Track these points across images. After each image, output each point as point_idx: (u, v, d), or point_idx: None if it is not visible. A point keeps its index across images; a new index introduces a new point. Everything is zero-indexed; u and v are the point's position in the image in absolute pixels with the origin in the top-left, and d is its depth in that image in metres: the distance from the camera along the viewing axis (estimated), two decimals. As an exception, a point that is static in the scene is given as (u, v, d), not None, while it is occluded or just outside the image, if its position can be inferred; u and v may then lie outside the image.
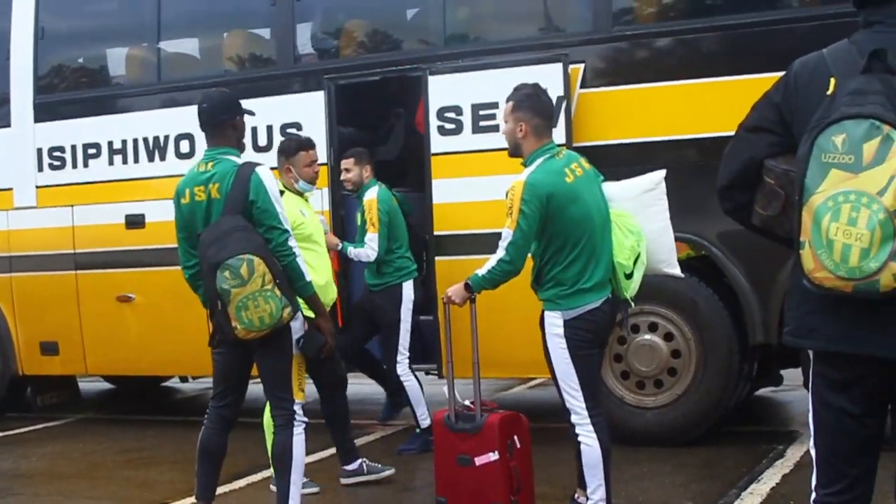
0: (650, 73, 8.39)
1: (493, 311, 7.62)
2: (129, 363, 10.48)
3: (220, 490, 6.73)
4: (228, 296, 5.69)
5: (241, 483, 7.86)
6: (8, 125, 10.68)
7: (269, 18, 9.92)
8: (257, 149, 9.14)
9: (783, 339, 3.82)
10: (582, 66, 8.41)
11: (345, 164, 8.71)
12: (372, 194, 8.44)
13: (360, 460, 7.75)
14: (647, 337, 8.36)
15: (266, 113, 9.44)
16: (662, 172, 6.45)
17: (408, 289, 8.51)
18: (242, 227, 5.81)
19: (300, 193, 7.46)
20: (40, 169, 10.50)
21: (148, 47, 10.65)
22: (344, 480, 7.72)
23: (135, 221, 9.91)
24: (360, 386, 12.06)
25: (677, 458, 7.92)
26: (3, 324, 10.71)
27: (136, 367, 10.60)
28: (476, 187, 8.52)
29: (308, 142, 7.71)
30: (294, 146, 7.60)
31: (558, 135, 8.09)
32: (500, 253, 5.77)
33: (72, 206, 10.32)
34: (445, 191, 8.62)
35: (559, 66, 8.30)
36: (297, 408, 6.21)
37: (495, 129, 8.40)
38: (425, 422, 8.46)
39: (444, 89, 8.71)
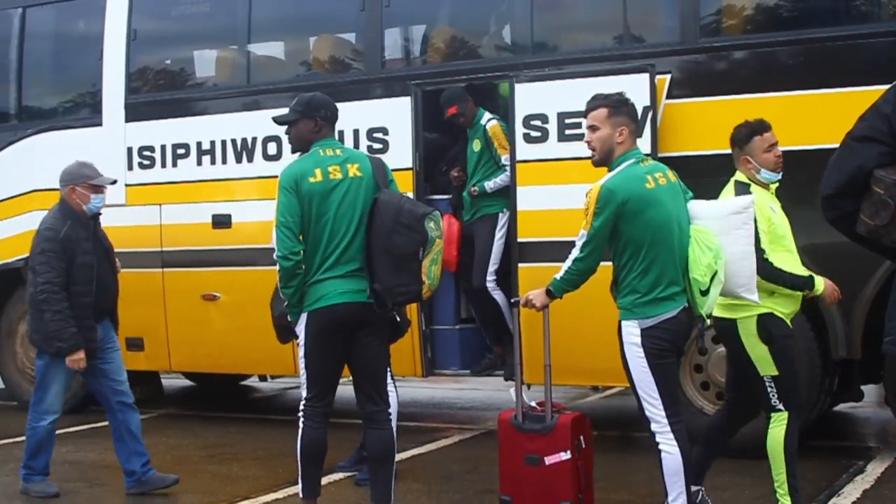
0: (736, 85, 8.40)
1: (570, 318, 7.68)
2: (212, 361, 10.65)
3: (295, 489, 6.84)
4: (433, 245, 6.13)
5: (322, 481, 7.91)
6: (99, 124, 10.89)
7: (358, 23, 10.03)
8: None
9: (884, 348, 3.83)
10: (668, 76, 8.43)
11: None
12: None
13: None
14: (729, 348, 8.36)
15: (352, 117, 9.59)
16: (752, 197, 6.43)
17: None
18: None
19: (765, 185, 6.71)
20: (130, 168, 10.70)
21: (237, 50, 10.83)
22: None
23: (221, 221, 10.07)
24: (434, 390, 12.17)
25: (757, 470, 7.88)
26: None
27: (219, 365, 10.77)
28: (561, 195, 8.55)
29: (761, 125, 6.80)
30: (746, 133, 6.76)
31: (643, 144, 8.14)
32: (575, 252, 5.89)
33: (160, 204, 10.51)
34: (530, 198, 8.67)
35: (646, 77, 8.33)
36: None
37: (581, 137, 8.43)
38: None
39: (530, 97, 8.77)
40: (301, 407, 6.36)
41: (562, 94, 8.68)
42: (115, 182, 8.14)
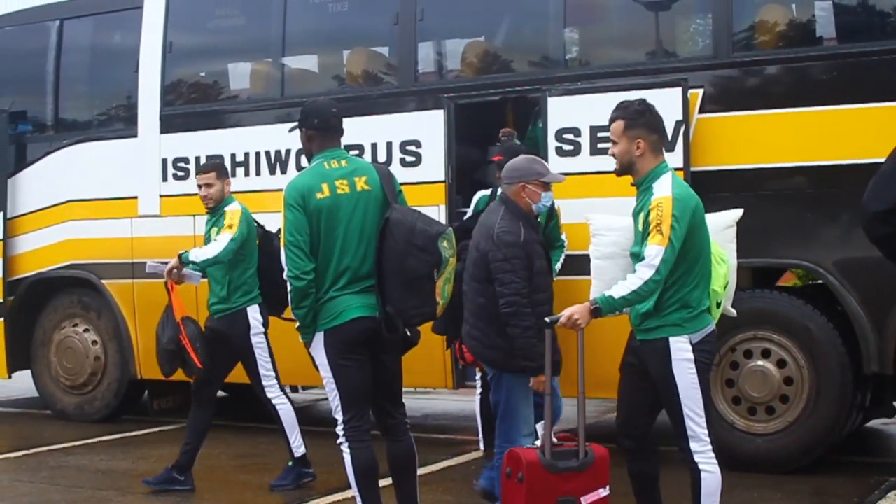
0: (769, 100, 8.41)
1: (602, 330, 7.68)
2: (243, 371, 10.66)
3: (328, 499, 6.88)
4: (447, 265, 5.97)
5: (338, 497, 7.95)
6: (135, 135, 10.98)
7: (391, 37, 10.10)
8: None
9: None
10: (701, 91, 8.44)
11: (205, 178, 8.30)
12: (236, 206, 8.26)
13: None
14: (760, 363, 8.36)
15: (385, 130, 9.67)
16: (740, 211, 6.50)
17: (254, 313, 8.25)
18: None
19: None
20: (164, 179, 10.78)
21: (271, 63, 10.90)
22: None
23: (255, 233, 10.13)
24: (465, 402, 12.17)
25: (788, 485, 7.89)
26: (125, 328, 11.01)
27: (251, 375, 10.79)
28: (593, 208, 8.52)
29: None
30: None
31: (676, 159, 8.21)
32: (649, 272, 5.46)
33: (193, 215, 10.56)
34: (563, 211, 8.68)
35: (678, 91, 8.35)
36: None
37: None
38: (300, 450, 8.24)
39: (562, 111, 8.80)
40: (340, 431, 6.15)
41: (594, 107, 8.68)
42: (563, 178, 7.18)
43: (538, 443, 6.16)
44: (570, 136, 8.71)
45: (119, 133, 11.20)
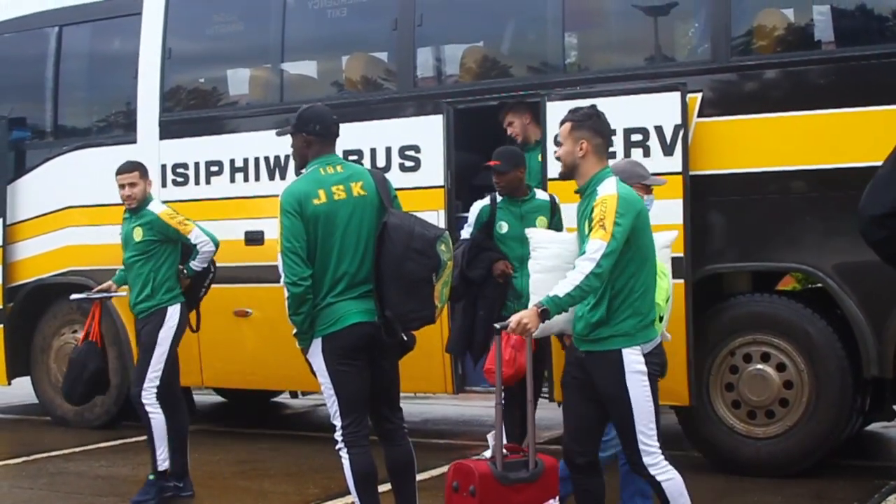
0: (768, 104, 8.41)
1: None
2: (244, 377, 10.71)
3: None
4: (445, 268, 6.00)
5: (338, 502, 7.95)
6: (134, 142, 10.98)
7: (390, 42, 10.10)
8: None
9: None
10: (699, 95, 8.45)
11: (129, 178, 8.29)
12: (164, 207, 8.33)
13: None
14: (760, 367, 8.37)
15: (384, 135, 9.67)
16: (675, 233, 6.63)
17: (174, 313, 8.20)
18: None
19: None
20: (164, 185, 10.77)
21: (270, 69, 10.91)
22: None
23: (254, 238, 10.14)
24: (464, 407, 12.19)
25: (788, 488, 7.90)
26: (124, 334, 11.00)
27: (251, 381, 10.82)
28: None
29: None
30: None
31: (675, 163, 8.22)
32: (590, 265, 5.31)
33: (193, 221, 10.56)
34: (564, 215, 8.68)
35: (677, 95, 8.36)
36: None
37: (612, 155, 8.47)
38: (164, 464, 8.07)
39: (562, 115, 8.75)
40: (339, 437, 6.13)
41: (594, 112, 8.70)
42: (665, 181, 7.09)
43: (487, 454, 6.02)
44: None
45: (118, 139, 11.19)
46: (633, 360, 5.48)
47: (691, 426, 8.66)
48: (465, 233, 8.24)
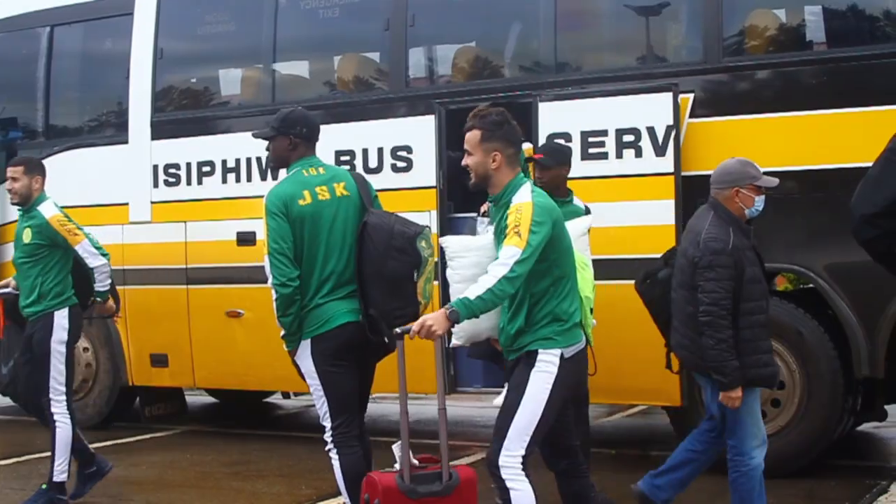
0: (759, 105, 8.42)
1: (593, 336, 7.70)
2: (236, 377, 10.70)
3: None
4: (426, 265, 6.01)
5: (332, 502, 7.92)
6: (125, 142, 10.98)
7: (382, 42, 10.10)
8: (368, 171, 9.28)
9: None
10: (691, 95, 8.46)
11: (13, 171, 8.04)
12: (56, 211, 7.99)
13: None
14: (751, 367, 8.37)
15: (376, 136, 9.67)
16: (591, 218, 6.59)
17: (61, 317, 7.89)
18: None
19: None
20: (156, 185, 10.77)
21: (262, 69, 10.89)
22: None
23: (246, 239, 10.12)
24: (456, 408, 12.18)
25: (779, 489, 7.88)
26: (116, 335, 11.00)
27: (243, 382, 10.81)
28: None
29: None
30: None
31: (667, 163, 8.23)
32: (503, 270, 5.15)
33: (185, 222, 10.58)
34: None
35: (669, 96, 8.37)
36: None
37: (604, 156, 8.53)
38: (62, 476, 7.86)
39: (553, 116, 8.80)
40: (329, 438, 6.17)
41: (585, 113, 8.73)
42: (777, 182, 6.65)
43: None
44: (562, 141, 8.70)
45: (110, 139, 11.20)
46: (547, 360, 5.36)
47: (683, 427, 8.65)
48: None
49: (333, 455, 6.16)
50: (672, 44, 9.30)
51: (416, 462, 5.66)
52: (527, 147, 8.27)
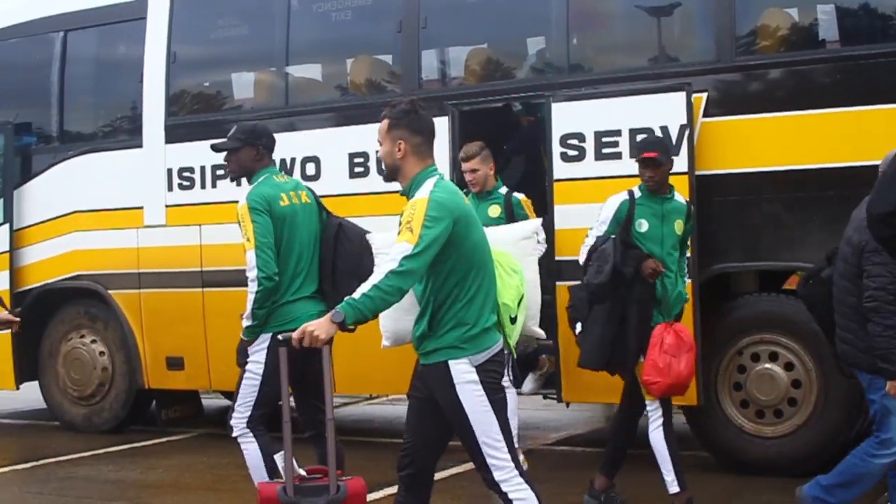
0: (773, 103, 8.41)
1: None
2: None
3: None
4: None
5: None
6: (140, 146, 11.00)
7: (395, 45, 10.10)
8: (381, 174, 9.25)
9: None
10: (705, 95, 8.45)
11: None
12: None
13: None
14: (768, 366, 8.37)
15: (390, 137, 9.66)
16: (539, 221, 6.61)
17: None
18: None
19: None
20: (170, 189, 10.78)
21: (275, 72, 10.91)
22: None
23: (261, 241, 10.13)
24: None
25: (796, 488, 7.87)
26: (132, 338, 11.01)
27: (259, 384, 10.80)
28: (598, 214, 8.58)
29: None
30: None
31: (680, 163, 8.21)
32: (391, 265, 4.99)
33: (199, 225, 10.59)
34: (568, 217, 8.69)
35: (682, 95, 8.35)
36: None
37: (618, 156, 8.53)
38: None
39: (567, 116, 8.80)
40: (243, 422, 6.67)
41: (599, 113, 8.72)
42: None
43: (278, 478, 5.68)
44: (575, 142, 8.71)
45: (124, 143, 11.21)
46: (461, 370, 5.17)
47: (700, 426, 8.67)
48: (598, 230, 7.41)
49: (249, 438, 6.65)
50: (685, 43, 9.29)
51: (303, 473, 5.52)
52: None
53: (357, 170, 9.79)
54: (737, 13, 8.53)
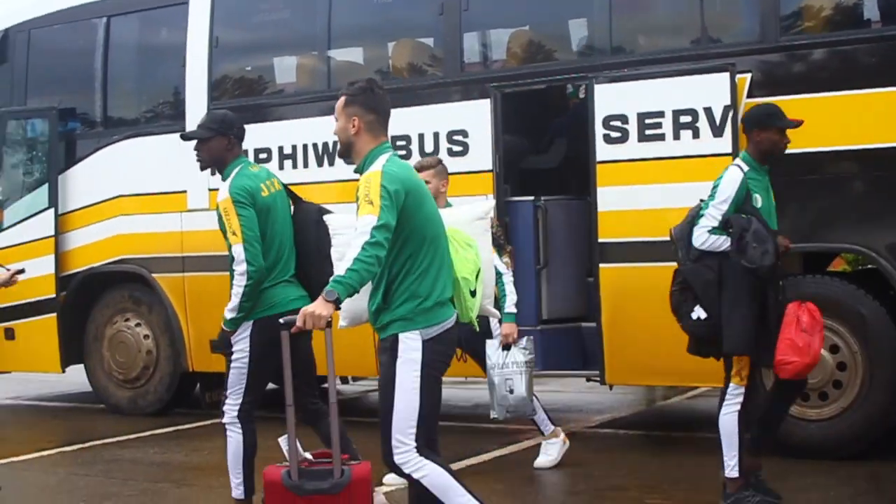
0: (817, 84, 8.33)
1: (658, 317, 7.68)
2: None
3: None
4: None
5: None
6: (183, 130, 11.02)
7: (437, 27, 10.09)
8: (424, 156, 9.28)
9: None
10: (749, 75, 8.39)
11: None
12: None
13: None
14: (813, 348, 8.31)
15: (432, 121, 9.68)
16: (492, 203, 6.44)
17: None
18: None
19: None
20: (213, 173, 10.79)
21: (317, 56, 10.93)
22: None
23: (302, 225, 10.17)
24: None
25: (842, 470, 7.85)
26: (176, 322, 11.08)
27: (301, 367, 10.85)
28: (642, 195, 8.55)
29: None
30: None
31: (724, 144, 8.18)
32: (363, 238, 5.03)
33: None
34: (611, 198, 8.65)
35: (726, 76, 8.30)
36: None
37: (661, 137, 8.49)
38: None
39: (609, 98, 8.76)
40: (234, 410, 6.54)
41: (642, 94, 8.67)
42: None
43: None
44: (618, 124, 8.67)
45: (167, 128, 11.24)
46: (409, 346, 5.21)
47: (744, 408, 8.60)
48: (719, 210, 6.86)
49: (237, 429, 6.55)
50: (728, 23, 9.22)
51: (308, 457, 5.51)
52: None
53: (399, 153, 9.77)
54: (781, -7, 8.46)
